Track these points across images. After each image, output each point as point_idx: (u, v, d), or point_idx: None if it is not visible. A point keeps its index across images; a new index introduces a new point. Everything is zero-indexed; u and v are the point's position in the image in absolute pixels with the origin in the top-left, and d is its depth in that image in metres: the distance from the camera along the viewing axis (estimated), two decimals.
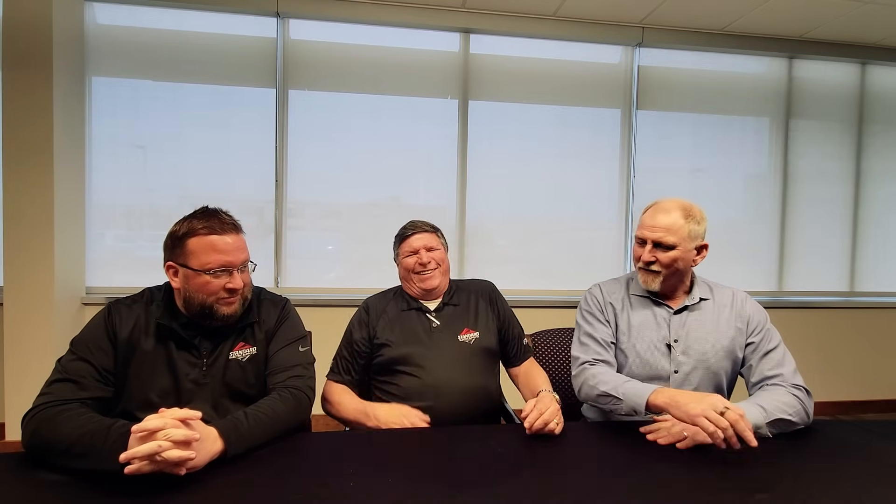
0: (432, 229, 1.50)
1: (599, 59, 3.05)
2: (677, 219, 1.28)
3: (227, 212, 1.15)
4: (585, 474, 0.90)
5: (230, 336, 1.15)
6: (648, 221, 1.31)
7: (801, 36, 3.07)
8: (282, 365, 1.16)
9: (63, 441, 0.86)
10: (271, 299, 1.26)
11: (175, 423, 0.83)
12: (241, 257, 1.12)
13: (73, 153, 2.50)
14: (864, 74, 3.28)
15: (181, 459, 0.80)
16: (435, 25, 2.83)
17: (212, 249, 1.07)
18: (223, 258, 1.08)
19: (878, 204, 3.32)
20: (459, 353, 1.40)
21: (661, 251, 1.28)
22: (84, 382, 1.01)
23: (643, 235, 1.32)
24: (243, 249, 1.13)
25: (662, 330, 1.32)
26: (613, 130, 3.09)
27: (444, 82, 2.91)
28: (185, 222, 1.10)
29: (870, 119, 3.29)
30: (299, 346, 1.22)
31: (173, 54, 2.67)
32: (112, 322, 1.08)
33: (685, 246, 1.28)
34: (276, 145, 2.77)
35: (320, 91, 2.81)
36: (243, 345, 1.16)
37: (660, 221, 1.29)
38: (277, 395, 1.09)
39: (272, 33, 2.75)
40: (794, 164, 3.23)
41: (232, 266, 1.09)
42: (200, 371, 1.11)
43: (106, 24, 2.63)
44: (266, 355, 1.19)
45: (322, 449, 0.99)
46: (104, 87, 2.64)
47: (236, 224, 1.14)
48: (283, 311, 1.25)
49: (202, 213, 1.12)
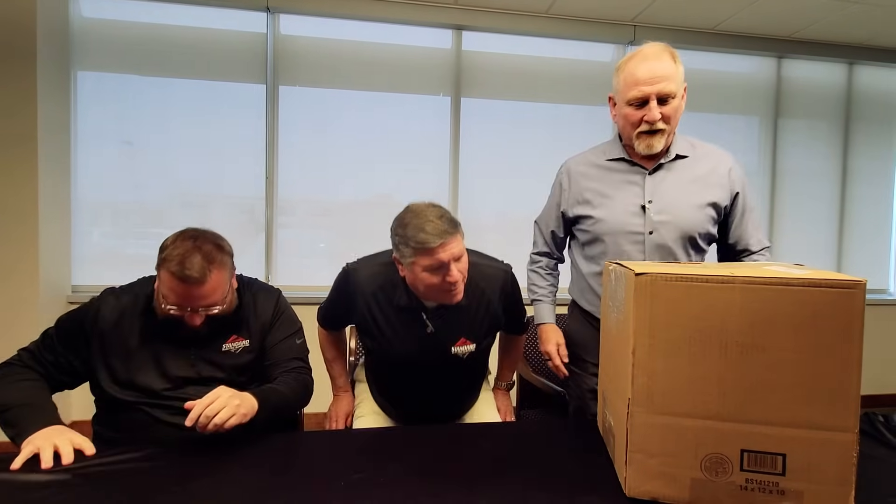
0: (455, 229, 1.12)
1: (592, 57, 3.06)
2: (670, 63, 1.16)
3: (211, 250, 1.04)
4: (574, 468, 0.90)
5: (221, 328, 1.13)
6: (644, 74, 1.15)
7: (790, 36, 3.10)
8: (283, 357, 1.19)
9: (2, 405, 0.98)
10: (265, 290, 1.24)
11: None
12: (205, 303, 1.04)
13: (58, 148, 2.45)
14: (852, 74, 3.32)
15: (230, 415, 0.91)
16: (427, 22, 2.81)
17: (172, 291, 1.02)
18: (183, 303, 1.03)
19: (864, 202, 3.37)
20: (448, 367, 1.26)
21: (662, 105, 1.17)
22: (47, 371, 1.07)
23: (643, 93, 1.16)
24: (208, 296, 1.03)
25: (637, 193, 1.26)
26: (605, 128, 3.10)
27: (436, 79, 2.90)
28: (167, 248, 1.03)
29: (856, 118, 3.33)
30: (296, 339, 1.23)
31: (161, 49, 2.63)
32: (96, 313, 1.09)
33: (679, 92, 1.18)
34: (267, 142, 2.74)
35: (311, 87, 2.79)
36: (236, 337, 1.15)
37: (658, 70, 1.15)
38: (286, 375, 1.15)
39: (262, 28, 2.72)
40: (782, 163, 3.26)
41: (190, 308, 1.04)
42: (189, 362, 1.10)
43: (91, 17, 2.57)
44: (261, 347, 1.18)
45: (313, 448, 0.99)
46: (90, 82, 2.58)
47: (210, 268, 1.02)
48: (279, 304, 1.24)
49: (188, 242, 1.03)
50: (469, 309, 1.23)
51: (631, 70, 1.18)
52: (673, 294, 0.77)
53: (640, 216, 1.26)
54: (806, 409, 0.72)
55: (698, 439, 0.76)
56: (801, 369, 0.72)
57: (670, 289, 0.77)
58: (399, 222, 1.14)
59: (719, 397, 0.75)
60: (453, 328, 1.23)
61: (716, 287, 0.75)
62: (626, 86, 1.19)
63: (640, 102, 1.18)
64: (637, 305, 0.78)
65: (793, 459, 0.72)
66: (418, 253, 1.09)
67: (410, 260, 1.12)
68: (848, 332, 0.71)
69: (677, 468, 0.77)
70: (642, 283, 0.78)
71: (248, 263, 2.75)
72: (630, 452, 0.79)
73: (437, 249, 1.07)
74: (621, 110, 1.24)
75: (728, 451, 0.75)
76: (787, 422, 0.73)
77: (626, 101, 1.20)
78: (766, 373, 0.73)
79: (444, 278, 1.10)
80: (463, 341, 1.23)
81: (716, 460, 0.75)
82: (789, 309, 0.72)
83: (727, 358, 0.75)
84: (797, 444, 0.72)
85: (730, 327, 0.75)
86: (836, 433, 0.71)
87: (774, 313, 0.73)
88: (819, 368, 0.72)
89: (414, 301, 1.21)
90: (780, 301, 0.73)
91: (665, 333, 0.77)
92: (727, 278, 0.75)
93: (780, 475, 0.73)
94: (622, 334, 0.84)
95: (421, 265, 1.10)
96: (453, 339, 1.23)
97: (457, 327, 1.23)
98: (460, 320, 1.23)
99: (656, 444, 0.78)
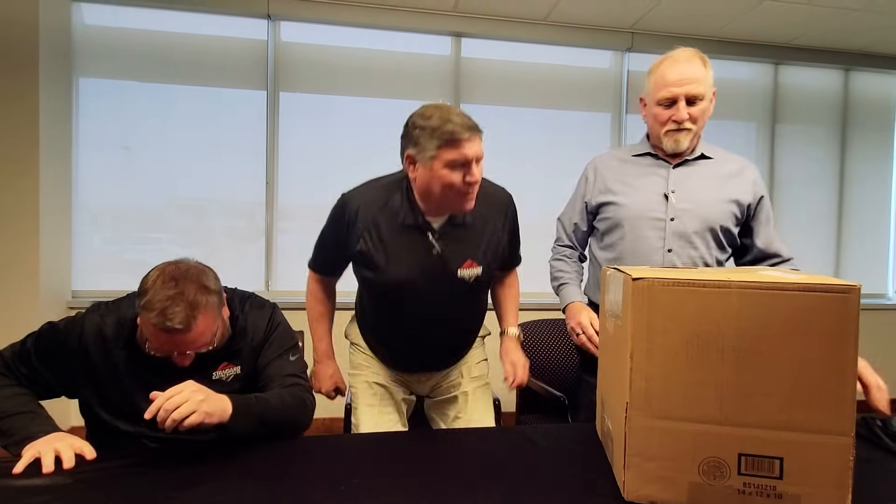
0: (479, 129, 1.09)
1: (590, 63, 3.08)
2: (700, 67, 1.23)
3: (195, 295, 0.94)
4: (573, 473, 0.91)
5: (212, 356, 1.05)
6: (674, 76, 1.22)
7: (787, 43, 3.12)
8: (275, 375, 1.10)
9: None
10: (258, 309, 1.15)
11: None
12: (191, 348, 0.97)
13: (59, 154, 2.46)
14: (848, 80, 3.35)
15: (190, 411, 0.85)
16: (426, 29, 2.84)
17: (155, 339, 0.95)
18: (168, 349, 0.97)
19: (861, 207, 3.38)
20: (453, 291, 1.19)
21: (690, 106, 1.23)
22: (20, 382, 1.03)
23: (672, 94, 1.22)
24: (194, 342, 0.96)
25: (660, 183, 1.31)
26: (604, 134, 3.12)
27: (435, 85, 2.91)
28: (148, 292, 0.93)
29: (853, 123, 3.35)
30: (290, 356, 1.15)
31: (163, 56, 2.65)
32: (79, 337, 1.03)
33: (708, 95, 1.24)
34: (268, 147, 2.76)
35: (312, 94, 2.81)
36: (227, 364, 1.08)
37: (687, 73, 1.22)
38: (282, 391, 1.07)
39: (263, 35, 2.74)
40: (779, 168, 3.28)
41: (176, 353, 0.98)
42: None
43: (93, 24, 2.60)
44: (254, 371, 1.12)
45: (314, 453, 0.99)
46: (91, 88, 2.60)
47: (195, 315, 0.93)
48: (272, 321, 1.15)
49: (168, 288, 0.93)
50: (475, 229, 1.19)
51: (662, 72, 1.24)
52: (670, 298, 0.78)
53: (663, 203, 1.29)
54: (802, 413, 0.73)
55: (696, 443, 0.76)
56: (797, 373, 0.73)
57: (667, 293, 0.78)
58: (420, 115, 1.08)
59: (717, 401, 0.76)
60: (459, 249, 1.17)
61: (712, 292, 0.76)
62: (657, 87, 1.25)
63: (669, 102, 1.24)
64: (635, 310, 0.79)
65: (790, 463, 0.73)
66: (443, 146, 1.04)
67: (432, 154, 1.05)
68: (843, 337, 0.72)
69: (675, 472, 0.77)
70: (640, 287, 0.79)
71: (247, 269, 2.76)
72: (628, 456, 0.79)
73: (464, 143, 1.04)
74: (651, 110, 1.30)
75: (726, 455, 0.75)
76: (784, 425, 0.73)
77: (656, 101, 1.26)
78: (762, 376, 0.74)
79: (463, 178, 1.06)
80: (469, 263, 1.18)
81: (714, 464, 0.76)
82: (785, 313, 0.73)
83: (724, 362, 0.75)
84: (794, 447, 0.73)
85: (726, 331, 0.75)
86: (833, 437, 0.72)
87: (770, 318, 0.74)
88: (815, 372, 0.72)
89: (420, 219, 1.14)
90: (776, 306, 0.73)
91: (662, 338, 0.77)
92: (723, 283, 0.75)
93: (778, 479, 0.73)
94: (620, 338, 0.85)
95: (444, 160, 1.04)
96: (460, 260, 1.17)
97: (463, 248, 1.18)
98: (466, 242, 1.18)
99: (654, 448, 0.78)
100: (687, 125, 1.24)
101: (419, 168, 1.09)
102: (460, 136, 1.03)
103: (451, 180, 1.06)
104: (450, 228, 1.17)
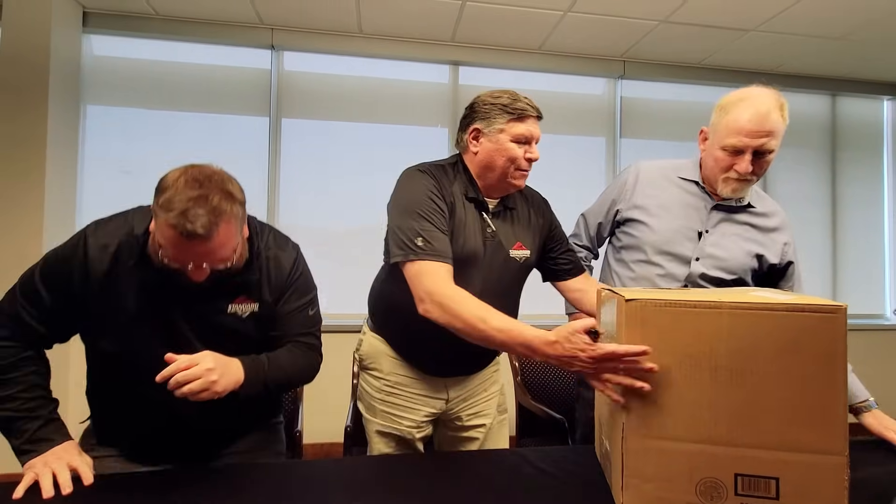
0: (541, 114, 1.18)
1: (584, 90, 3.17)
2: (778, 118, 1.12)
3: (219, 200, 0.86)
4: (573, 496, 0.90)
5: (228, 286, 0.98)
6: (750, 126, 1.11)
7: (772, 70, 3.22)
8: (292, 330, 1.07)
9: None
10: (281, 247, 1.08)
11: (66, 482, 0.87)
12: (210, 259, 0.89)
13: (65, 178, 2.51)
14: (835, 105, 3.44)
15: (201, 389, 0.84)
16: (425, 58, 2.93)
17: (171, 245, 0.86)
18: (185, 259, 0.87)
19: (855, 229, 3.43)
20: (505, 273, 1.20)
21: (757, 158, 1.14)
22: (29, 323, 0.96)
23: (744, 144, 1.12)
24: (214, 252, 0.87)
25: (697, 219, 1.26)
26: (599, 158, 3.19)
27: (434, 112, 2.99)
28: (168, 189, 0.85)
29: (843, 147, 3.43)
30: (309, 310, 1.10)
31: (169, 84, 2.73)
32: (84, 258, 0.94)
33: (779, 146, 1.15)
34: (269, 172, 2.81)
35: (313, 120, 2.88)
36: (244, 299, 1.01)
37: (766, 125, 1.11)
38: (294, 347, 1.06)
39: (266, 65, 2.83)
40: (773, 190, 3.33)
41: (192, 264, 0.88)
42: (190, 318, 0.98)
43: (102, 55, 2.68)
44: (272, 314, 1.05)
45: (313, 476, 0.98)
46: (99, 116, 2.67)
47: (218, 223, 0.85)
48: (296, 266, 1.08)
49: (192, 188, 0.85)
50: (522, 216, 1.25)
51: (737, 116, 1.13)
52: (662, 320, 0.79)
53: (694, 241, 1.26)
54: (795, 433, 0.74)
55: (692, 464, 0.77)
56: (789, 393, 0.74)
57: (660, 314, 0.80)
58: (489, 94, 1.16)
59: (711, 421, 0.77)
60: (510, 231, 1.22)
61: (704, 313, 0.78)
62: (728, 130, 1.15)
63: (735, 151, 1.14)
64: (628, 331, 0.81)
65: (786, 483, 0.73)
66: (514, 120, 1.12)
67: (501, 126, 1.13)
68: (831, 356, 0.74)
69: (673, 493, 0.78)
70: (633, 308, 0.80)
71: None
72: (626, 478, 0.80)
73: (531, 119, 1.14)
74: (713, 151, 1.20)
75: (722, 476, 0.76)
76: (778, 445, 0.74)
77: (722, 146, 1.17)
78: (754, 396, 0.75)
79: (524, 154, 1.14)
80: (519, 245, 1.22)
81: (711, 485, 0.76)
82: (774, 334, 0.75)
83: (717, 382, 0.77)
84: (789, 467, 0.74)
85: (718, 352, 0.77)
86: (827, 456, 0.73)
87: (760, 338, 0.75)
88: (805, 392, 0.74)
89: (479, 194, 1.19)
90: (766, 326, 0.75)
91: (656, 359, 0.79)
92: (714, 304, 0.77)
93: (774, 499, 0.74)
94: None
95: (511, 133, 1.12)
96: (512, 241, 1.21)
97: (512, 230, 1.22)
98: (515, 225, 1.23)
99: (652, 469, 0.79)
100: (749, 177, 1.17)
101: (484, 141, 1.15)
102: (530, 113, 1.14)
103: (515, 154, 1.13)
104: (501, 209, 1.22)
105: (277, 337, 1.06)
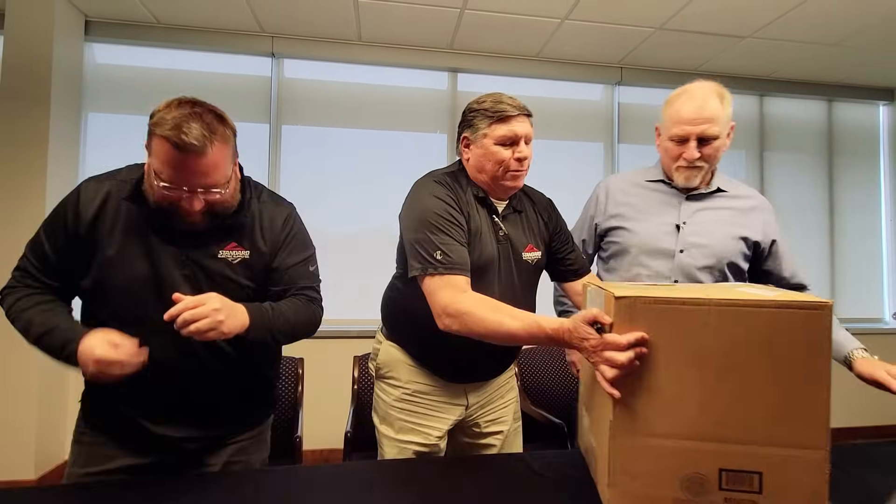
0: (530, 113, 1.18)
1: (582, 96, 3.20)
2: (717, 105, 1.19)
3: (212, 120, 0.91)
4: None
5: (217, 232, 0.99)
6: (688, 114, 1.20)
7: (769, 76, 3.25)
8: (293, 284, 1.08)
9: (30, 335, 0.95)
10: (274, 201, 1.10)
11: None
12: (205, 182, 0.89)
13: (66, 185, 2.53)
14: (832, 110, 3.46)
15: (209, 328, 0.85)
16: (424, 65, 2.97)
17: (167, 165, 0.87)
18: (180, 179, 0.88)
19: (853, 233, 3.43)
20: (518, 275, 1.20)
21: (703, 145, 1.21)
22: (38, 277, 0.99)
23: (685, 132, 1.20)
24: (209, 173, 0.89)
25: (672, 213, 1.29)
26: (597, 163, 3.21)
27: (432, 118, 3.02)
28: (160, 112, 0.91)
29: (839, 152, 3.44)
30: (309, 266, 1.12)
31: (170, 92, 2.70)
32: (76, 202, 0.97)
33: (724, 132, 1.21)
34: (269, 178, 2.84)
35: (313, 126, 2.91)
36: (235, 245, 1.01)
37: (702, 112, 1.18)
38: (297, 300, 1.06)
39: (267, 72, 2.87)
40: (770, 195, 3.34)
41: (187, 187, 0.89)
42: (179, 261, 0.97)
43: (104, 63, 2.73)
44: (264, 265, 1.05)
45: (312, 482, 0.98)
46: (100, 123, 2.71)
47: (212, 139, 0.88)
48: (290, 223, 1.09)
49: (185, 108, 0.91)
50: (528, 216, 1.25)
51: (677, 108, 1.23)
52: (651, 317, 0.80)
53: (673, 234, 1.28)
54: (779, 428, 0.74)
55: (678, 459, 0.77)
56: (773, 389, 0.75)
57: (648, 312, 0.80)
58: (475, 101, 1.18)
59: (698, 417, 0.77)
60: (520, 233, 1.22)
61: (692, 310, 0.79)
62: (671, 122, 1.24)
63: (680, 140, 1.22)
64: (618, 328, 0.81)
65: (769, 477, 0.74)
66: (495, 121, 1.12)
67: (484, 131, 1.13)
68: (816, 353, 0.74)
69: (659, 489, 0.78)
70: (622, 305, 0.81)
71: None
72: (613, 474, 0.80)
73: (514, 119, 1.12)
74: (664, 143, 1.29)
75: (707, 471, 0.76)
76: (762, 440, 0.75)
77: (669, 137, 1.26)
78: (740, 392, 0.76)
79: (513, 154, 1.12)
80: (531, 247, 1.22)
81: (696, 480, 0.77)
82: (760, 330, 0.76)
83: (704, 378, 0.77)
84: (772, 462, 0.74)
85: (706, 348, 0.77)
86: (809, 451, 0.73)
87: (747, 334, 0.76)
88: (790, 388, 0.74)
89: (488, 198, 1.18)
90: (752, 322, 0.76)
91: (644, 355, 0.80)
92: (702, 301, 0.78)
93: (758, 493, 0.74)
94: None
95: (494, 136, 1.12)
96: (523, 243, 1.21)
97: (522, 232, 1.22)
98: (524, 227, 1.23)
99: (638, 466, 0.79)
100: (698, 164, 1.23)
101: (473, 148, 1.17)
102: (510, 113, 1.12)
103: (501, 157, 1.12)
104: (510, 211, 1.22)
105: (279, 292, 1.06)
